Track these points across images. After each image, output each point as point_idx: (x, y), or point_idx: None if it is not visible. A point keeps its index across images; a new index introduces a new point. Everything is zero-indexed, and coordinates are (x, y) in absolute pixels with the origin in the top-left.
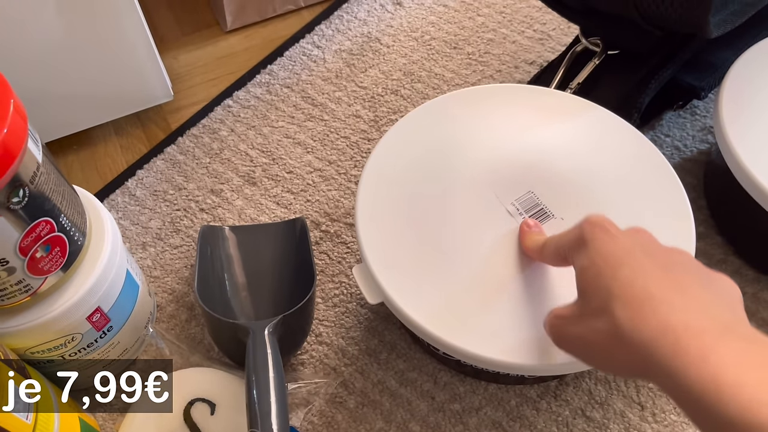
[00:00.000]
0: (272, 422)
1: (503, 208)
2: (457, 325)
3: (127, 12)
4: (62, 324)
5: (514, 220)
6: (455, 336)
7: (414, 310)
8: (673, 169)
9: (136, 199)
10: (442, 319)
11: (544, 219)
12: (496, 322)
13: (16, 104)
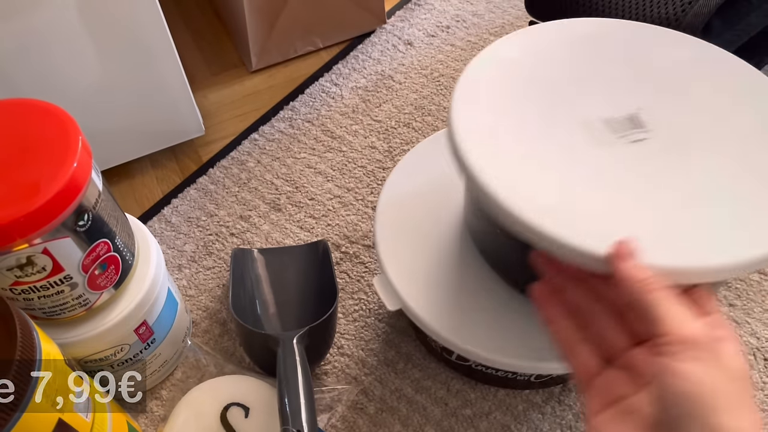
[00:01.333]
0: (302, 420)
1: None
2: (469, 329)
3: (166, 56)
4: (113, 335)
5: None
6: (464, 339)
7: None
8: None
9: (171, 226)
10: (453, 320)
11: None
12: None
13: (83, 142)
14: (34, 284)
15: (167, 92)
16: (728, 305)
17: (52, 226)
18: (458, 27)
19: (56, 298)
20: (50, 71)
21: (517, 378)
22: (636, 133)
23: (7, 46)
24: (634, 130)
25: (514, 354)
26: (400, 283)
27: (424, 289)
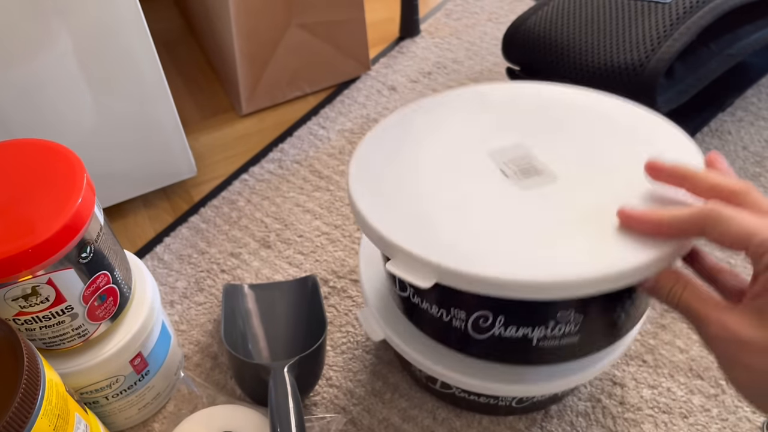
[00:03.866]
0: None
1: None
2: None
3: (161, 99)
4: (109, 366)
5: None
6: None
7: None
8: None
9: (164, 263)
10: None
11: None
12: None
13: (88, 179)
14: (37, 314)
15: (161, 134)
16: None
17: (57, 258)
18: (439, 73)
19: (57, 329)
20: (48, 115)
21: (498, 404)
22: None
23: (7, 93)
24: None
25: (494, 378)
26: (383, 314)
27: (404, 319)
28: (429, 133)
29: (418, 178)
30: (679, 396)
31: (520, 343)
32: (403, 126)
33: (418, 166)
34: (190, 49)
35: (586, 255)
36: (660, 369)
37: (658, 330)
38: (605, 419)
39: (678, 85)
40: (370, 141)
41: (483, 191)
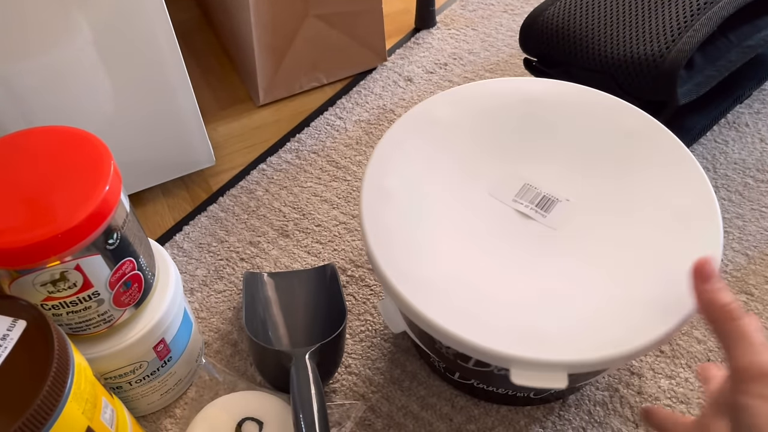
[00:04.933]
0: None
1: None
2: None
3: (181, 89)
4: (133, 352)
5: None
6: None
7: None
8: None
9: (183, 251)
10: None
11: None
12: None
13: (114, 166)
14: (65, 300)
15: (181, 124)
16: None
17: (84, 244)
18: (455, 64)
19: (83, 314)
20: (69, 103)
21: (517, 395)
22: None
23: (28, 82)
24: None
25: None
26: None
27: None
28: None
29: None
30: (697, 386)
31: None
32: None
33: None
34: (207, 40)
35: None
36: (678, 359)
37: None
38: (623, 409)
39: (697, 77)
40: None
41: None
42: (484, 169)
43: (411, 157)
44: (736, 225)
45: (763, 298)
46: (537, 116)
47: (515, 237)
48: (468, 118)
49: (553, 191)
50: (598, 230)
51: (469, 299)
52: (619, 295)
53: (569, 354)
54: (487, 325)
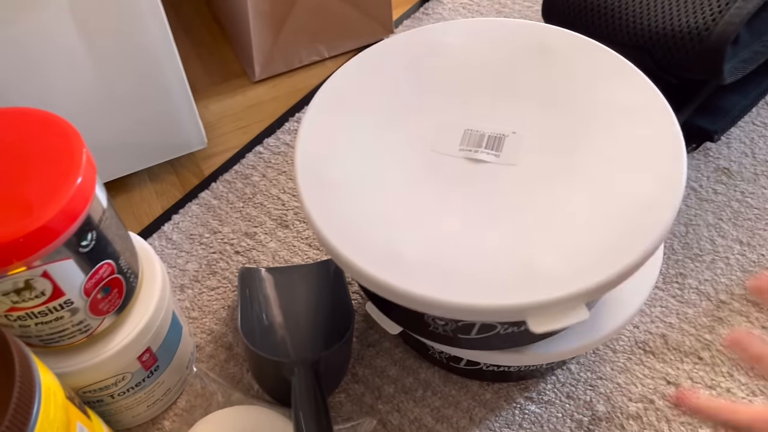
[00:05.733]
0: None
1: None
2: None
3: (168, 62)
4: (115, 364)
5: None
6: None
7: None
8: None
9: (173, 243)
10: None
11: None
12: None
13: (87, 155)
14: (32, 310)
15: (169, 101)
16: (761, 327)
17: (53, 247)
18: None
19: (55, 325)
20: (43, 80)
21: (521, 370)
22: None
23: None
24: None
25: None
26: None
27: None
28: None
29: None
30: (740, 398)
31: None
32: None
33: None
34: (197, 8)
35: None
36: (717, 367)
37: (714, 324)
38: (659, 423)
39: (743, 53)
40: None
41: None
42: (420, 125)
43: (346, 120)
44: None
45: None
46: (448, 64)
47: (474, 184)
48: (386, 77)
49: (497, 129)
50: (557, 155)
51: (442, 255)
52: (600, 212)
53: (580, 284)
54: (476, 279)
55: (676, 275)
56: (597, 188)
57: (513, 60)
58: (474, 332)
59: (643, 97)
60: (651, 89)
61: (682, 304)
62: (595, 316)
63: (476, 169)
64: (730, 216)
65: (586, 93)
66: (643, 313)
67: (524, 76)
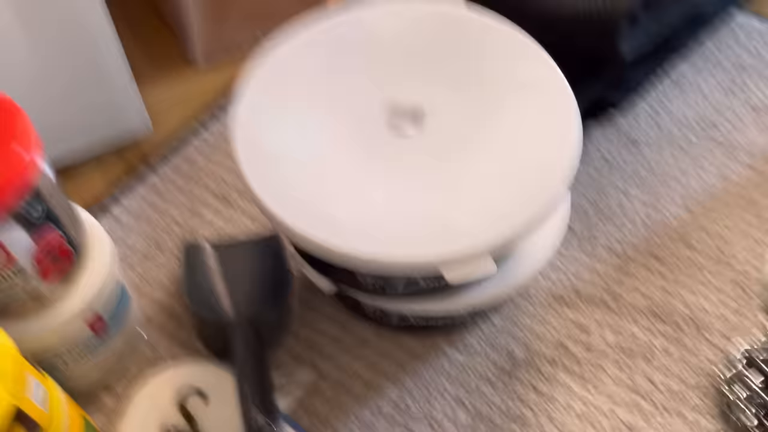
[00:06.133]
0: (262, 403)
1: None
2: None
3: (108, 50)
4: (66, 329)
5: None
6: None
7: None
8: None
9: (121, 224)
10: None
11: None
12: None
13: (32, 129)
14: None
15: (111, 88)
16: (662, 278)
17: (4, 217)
18: None
19: (7, 292)
20: None
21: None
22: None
23: None
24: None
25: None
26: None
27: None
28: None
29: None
30: (642, 339)
31: None
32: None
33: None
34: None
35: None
36: (623, 314)
37: (621, 277)
38: (571, 364)
39: (640, 33)
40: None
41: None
42: (346, 104)
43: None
44: (679, 181)
45: (705, 251)
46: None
47: (396, 154)
48: (314, 58)
49: (415, 104)
50: (468, 126)
51: (368, 217)
52: (505, 175)
53: (487, 237)
54: (397, 237)
55: (589, 237)
56: (503, 154)
57: (428, 39)
58: (401, 288)
59: (543, 73)
60: (551, 65)
61: (594, 260)
62: (508, 269)
63: (397, 141)
64: (637, 181)
65: (493, 69)
66: (558, 270)
67: (438, 54)
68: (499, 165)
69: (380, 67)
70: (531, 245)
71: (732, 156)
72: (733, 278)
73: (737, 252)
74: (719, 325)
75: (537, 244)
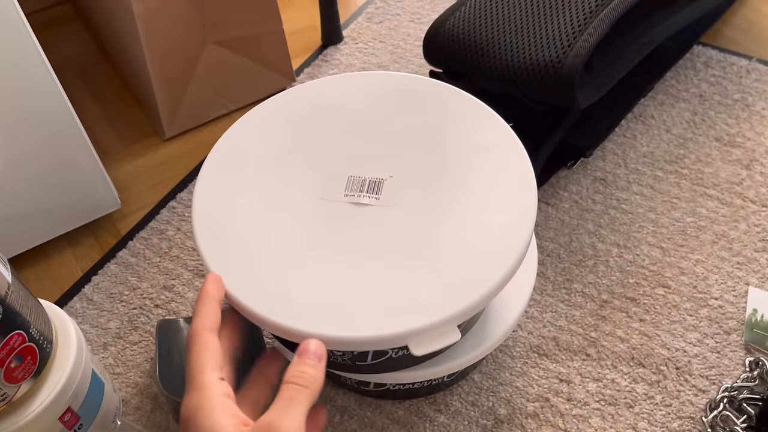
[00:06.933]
0: None
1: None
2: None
3: (72, 134)
4: (37, 427)
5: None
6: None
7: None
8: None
9: (93, 304)
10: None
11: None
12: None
13: None
14: None
15: (77, 170)
16: (639, 320)
17: None
18: None
19: None
20: None
21: (433, 383)
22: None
23: None
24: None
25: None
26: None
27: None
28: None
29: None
30: (624, 386)
31: None
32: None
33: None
34: (106, 74)
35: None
36: (603, 361)
37: (598, 322)
38: (554, 418)
39: (597, 79)
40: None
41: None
42: (306, 176)
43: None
44: (650, 218)
45: (680, 289)
46: (331, 115)
47: (358, 226)
48: (275, 132)
49: (376, 174)
50: (427, 193)
51: (329, 294)
52: (465, 242)
53: (451, 308)
54: (360, 312)
55: (563, 281)
56: (461, 221)
57: (386, 109)
58: (369, 359)
59: (498, 137)
60: (505, 129)
61: (570, 307)
62: (482, 326)
63: (359, 212)
64: (608, 222)
65: (449, 135)
66: (535, 319)
67: (397, 123)
68: (458, 231)
69: (340, 137)
70: (501, 302)
71: (699, 189)
72: (709, 315)
73: (712, 287)
74: (699, 366)
75: (508, 299)
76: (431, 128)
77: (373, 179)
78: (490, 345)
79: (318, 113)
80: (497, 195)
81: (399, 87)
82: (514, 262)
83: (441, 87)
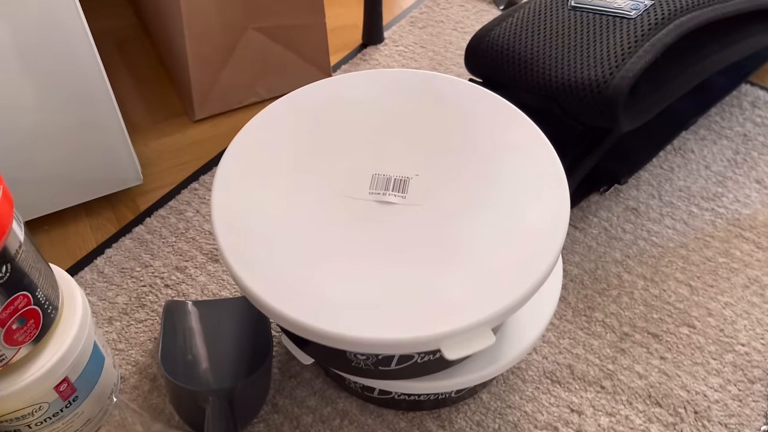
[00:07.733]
0: None
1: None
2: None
3: (103, 102)
4: (31, 393)
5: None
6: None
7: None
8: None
9: (104, 276)
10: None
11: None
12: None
13: (4, 190)
14: None
15: (104, 139)
16: (659, 358)
17: None
18: None
19: None
20: None
21: (438, 398)
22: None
23: None
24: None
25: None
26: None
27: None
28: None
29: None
30: (637, 424)
31: None
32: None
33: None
34: (143, 50)
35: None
36: (618, 395)
37: (617, 354)
38: None
39: (641, 104)
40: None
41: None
42: (330, 172)
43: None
44: (680, 254)
45: (705, 331)
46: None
47: (385, 225)
48: (300, 126)
49: (402, 172)
50: (455, 193)
51: (358, 294)
52: (497, 243)
53: (486, 310)
54: (392, 314)
55: (585, 308)
56: (491, 221)
57: (413, 107)
58: (394, 363)
59: (527, 137)
60: (534, 130)
61: (589, 335)
62: (497, 345)
63: (386, 210)
64: (636, 253)
65: (477, 134)
66: (552, 344)
67: (423, 121)
68: (490, 231)
69: (365, 134)
70: (519, 321)
71: (735, 230)
72: (734, 361)
73: (740, 333)
74: (719, 412)
75: (526, 320)
76: (458, 127)
77: (398, 177)
78: (504, 365)
79: (344, 108)
80: (528, 196)
81: (427, 86)
82: (548, 266)
83: (469, 87)
